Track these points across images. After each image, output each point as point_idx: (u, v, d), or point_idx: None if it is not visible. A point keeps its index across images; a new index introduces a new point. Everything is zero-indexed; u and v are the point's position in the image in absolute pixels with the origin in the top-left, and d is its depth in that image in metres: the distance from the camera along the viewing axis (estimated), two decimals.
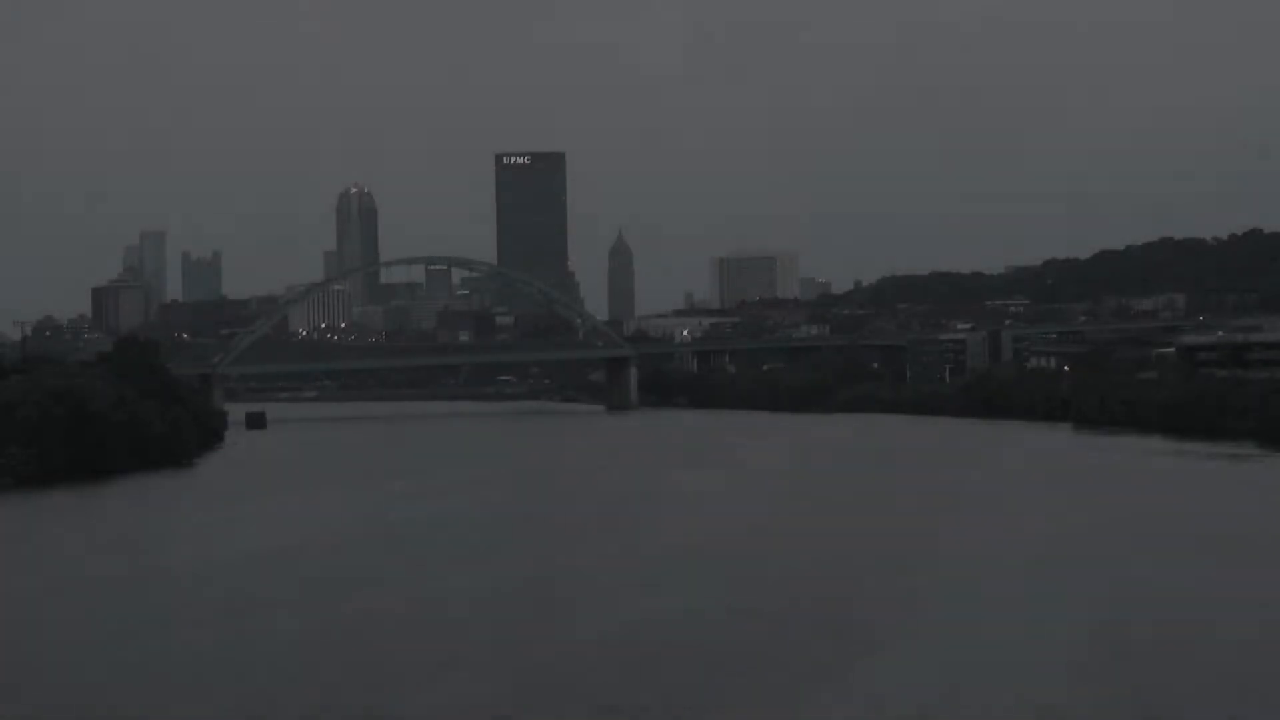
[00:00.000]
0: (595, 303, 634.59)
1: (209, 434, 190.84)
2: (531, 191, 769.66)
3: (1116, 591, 63.47)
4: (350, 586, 69.33)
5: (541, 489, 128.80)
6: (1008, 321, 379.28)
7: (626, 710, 43.00)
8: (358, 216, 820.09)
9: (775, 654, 50.95)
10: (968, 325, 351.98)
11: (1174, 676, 47.65)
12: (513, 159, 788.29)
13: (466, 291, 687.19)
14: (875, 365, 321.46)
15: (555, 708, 44.07)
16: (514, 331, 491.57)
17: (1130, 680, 46.73)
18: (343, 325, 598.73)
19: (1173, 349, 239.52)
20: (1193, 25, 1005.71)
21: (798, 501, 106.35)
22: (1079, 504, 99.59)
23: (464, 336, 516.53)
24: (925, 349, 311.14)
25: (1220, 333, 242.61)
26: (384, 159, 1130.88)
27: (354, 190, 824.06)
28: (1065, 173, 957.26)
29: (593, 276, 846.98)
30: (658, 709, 43.25)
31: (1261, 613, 58.50)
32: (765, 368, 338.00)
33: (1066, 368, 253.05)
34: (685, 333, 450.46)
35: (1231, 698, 44.70)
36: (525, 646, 53.31)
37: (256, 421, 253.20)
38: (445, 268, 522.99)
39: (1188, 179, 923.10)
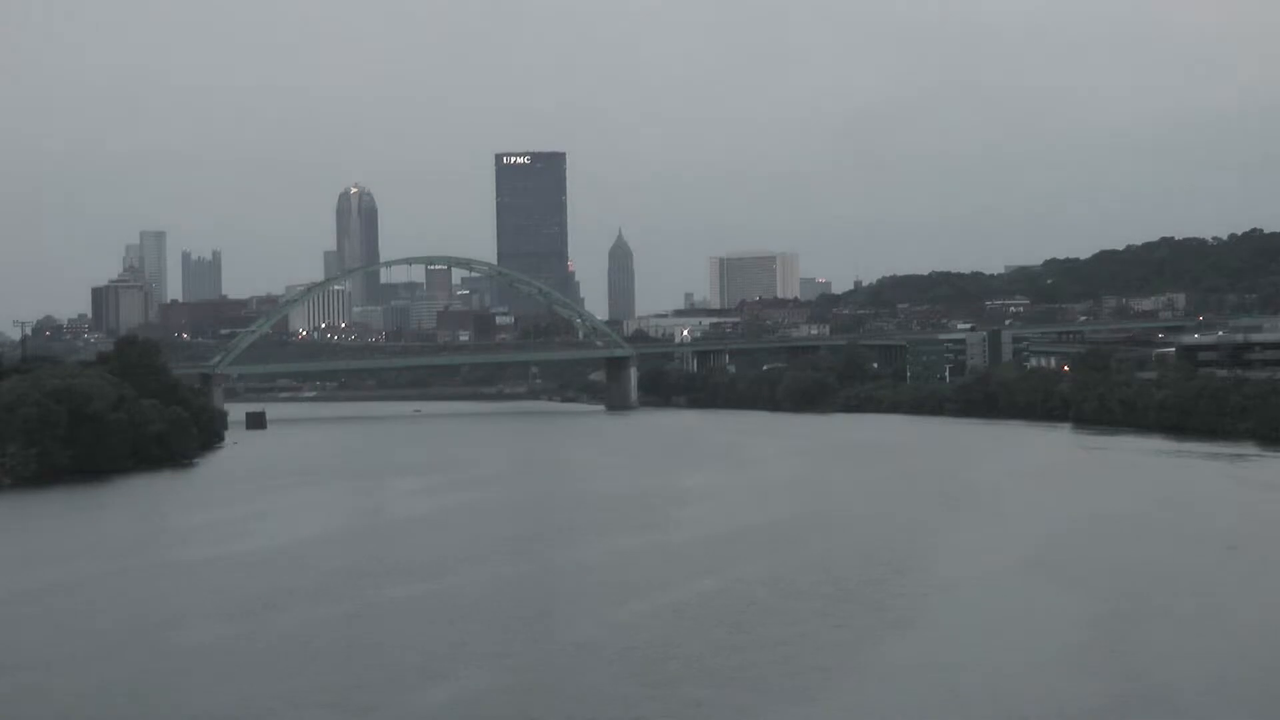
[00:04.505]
0: (595, 303, 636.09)
1: (209, 434, 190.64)
2: (531, 191, 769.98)
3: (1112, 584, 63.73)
4: (373, 579, 69.56)
5: (546, 488, 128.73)
6: (1008, 321, 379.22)
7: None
8: (358, 216, 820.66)
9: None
10: (968, 325, 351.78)
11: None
12: (513, 159, 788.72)
13: (466, 291, 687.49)
14: (875, 365, 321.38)
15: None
16: (514, 331, 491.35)
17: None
18: (343, 325, 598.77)
19: (1173, 349, 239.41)
20: (1193, 25, 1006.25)
21: (803, 499, 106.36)
22: (1078, 501, 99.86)
23: (464, 336, 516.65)
24: (925, 349, 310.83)
25: (1220, 333, 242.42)
26: (384, 159, 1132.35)
27: (354, 190, 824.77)
28: (1065, 172, 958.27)
29: (593, 276, 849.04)
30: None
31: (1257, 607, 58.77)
32: (765, 368, 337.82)
33: (1066, 368, 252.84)
34: (685, 333, 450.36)
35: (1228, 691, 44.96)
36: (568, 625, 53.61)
37: (256, 421, 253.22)
38: (445, 268, 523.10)
39: (1188, 179, 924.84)
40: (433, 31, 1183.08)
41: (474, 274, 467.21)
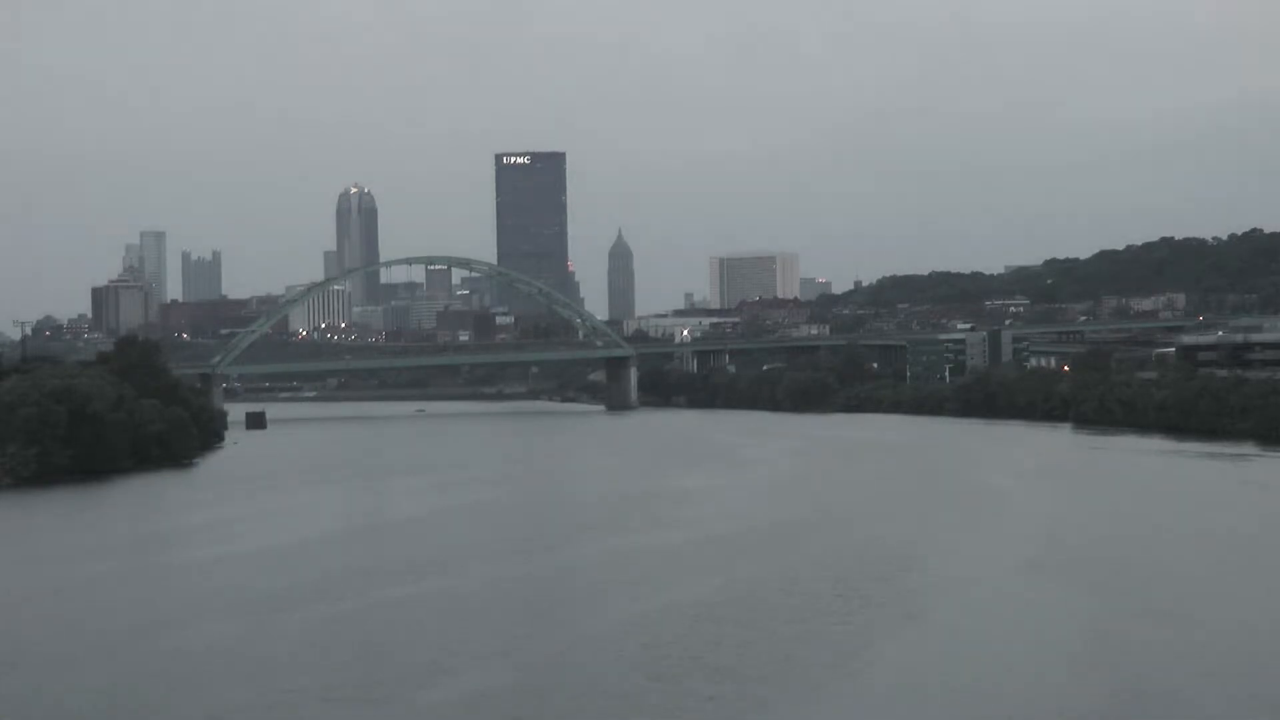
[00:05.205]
0: (595, 303, 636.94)
1: (209, 434, 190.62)
2: (531, 191, 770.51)
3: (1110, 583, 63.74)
4: (376, 578, 69.52)
5: (547, 487, 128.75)
6: (1008, 321, 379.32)
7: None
8: (358, 216, 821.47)
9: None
10: (968, 325, 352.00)
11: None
12: (513, 159, 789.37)
13: (466, 291, 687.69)
14: (875, 365, 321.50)
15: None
16: (514, 331, 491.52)
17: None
18: (343, 325, 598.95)
19: (1173, 349, 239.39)
20: (1193, 25, 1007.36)
21: (804, 499, 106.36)
22: (1080, 502, 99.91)
23: (464, 336, 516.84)
24: (925, 349, 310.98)
25: (1220, 333, 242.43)
26: (384, 159, 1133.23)
27: (354, 190, 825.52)
28: (1066, 173, 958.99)
29: (593, 276, 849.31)
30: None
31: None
32: (765, 368, 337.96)
33: (1066, 368, 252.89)
34: (685, 333, 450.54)
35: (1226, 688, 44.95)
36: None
37: (256, 421, 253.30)
38: (445, 268, 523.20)
39: (1188, 179, 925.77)
40: (433, 31, 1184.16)
41: (474, 274, 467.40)
